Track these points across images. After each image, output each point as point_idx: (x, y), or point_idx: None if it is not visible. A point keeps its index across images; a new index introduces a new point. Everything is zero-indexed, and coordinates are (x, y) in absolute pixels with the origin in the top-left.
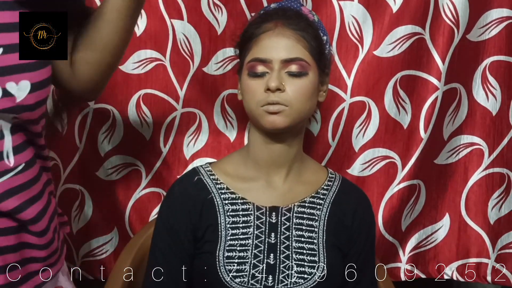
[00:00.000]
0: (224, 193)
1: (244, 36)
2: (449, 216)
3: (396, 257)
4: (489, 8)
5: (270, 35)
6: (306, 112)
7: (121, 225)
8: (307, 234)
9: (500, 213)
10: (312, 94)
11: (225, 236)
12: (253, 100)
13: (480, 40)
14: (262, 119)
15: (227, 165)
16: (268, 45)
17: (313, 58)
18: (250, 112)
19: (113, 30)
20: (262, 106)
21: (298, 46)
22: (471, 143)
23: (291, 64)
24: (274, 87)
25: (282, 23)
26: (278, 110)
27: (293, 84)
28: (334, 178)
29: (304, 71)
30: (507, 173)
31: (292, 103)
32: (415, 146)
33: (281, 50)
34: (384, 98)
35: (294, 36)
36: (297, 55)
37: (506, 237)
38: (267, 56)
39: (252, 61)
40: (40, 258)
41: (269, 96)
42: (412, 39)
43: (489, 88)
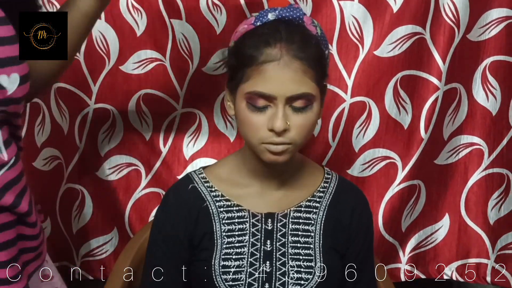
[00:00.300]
0: (219, 200)
1: (241, 53)
2: (449, 216)
3: (396, 257)
4: (489, 8)
5: (274, 66)
6: (307, 140)
7: (121, 225)
8: (303, 239)
9: (500, 213)
10: (315, 123)
11: (221, 245)
12: (255, 136)
13: (480, 40)
14: (263, 155)
15: (221, 170)
16: (273, 79)
17: (317, 87)
18: (249, 144)
19: (79, 35)
20: (263, 143)
21: (305, 79)
22: (471, 143)
23: (297, 100)
24: (280, 128)
25: (287, 50)
26: (282, 150)
27: (297, 120)
28: (330, 179)
29: (309, 105)
30: (506, 173)
31: (295, 140)
32: (415, 147)
33: (287, 85)
34: (385, 98)
35: (301, 68)
36: (304, 91)
37: (505, 238)
38: (271, 92)
39: (253, 94)
40: (32, 248)
41: (273, 137)
42: (413, 39)
43: (489, 88)
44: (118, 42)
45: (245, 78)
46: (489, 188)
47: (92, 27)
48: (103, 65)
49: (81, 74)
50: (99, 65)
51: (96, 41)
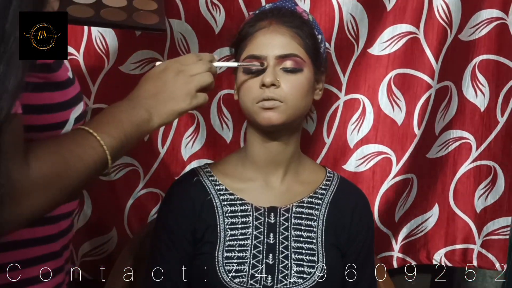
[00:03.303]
0: (223, 194)
1: (239, 35)
2: (438, 206)
3: (389, 246)
4: (479, 9)
5: (265, 32)
6: (302, 109)
7: (120, 225)
8: (306, 234)
9: (486, 202)
10: (308, 91)
11: (224, 237)
12: (249, 97)
13: (471, 39)
14: (258, 116)
15: (226, 166)
16: (263, 42)
17: (308, 55)
18: (246, 110)
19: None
20: (257, 103)
21: (293, 42)
22: (460, 137)
23: (286, 60)
24: (269, 82)
25: (276, 21)
26: (273, 105)
27: (288, 80)
28: (332, 178)
29: (299, 67)
30: (493, 165)
31: (287, 99)
32: (409, 142)
33: (276, 46)
34: (379, 96)
35: (288, 33)
36: (292, 51)
37: (491, 225)
38: (262, 53)
39: (247, 58)
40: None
41: (264, 92)
42: (406, 38)
43: (478, 85)
44: (117, 42)
45: (242, 50)
46: (477, 179)
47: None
48: (102, 65)
49: (80, 74)
50: (98, 65)
51: (95, 41)
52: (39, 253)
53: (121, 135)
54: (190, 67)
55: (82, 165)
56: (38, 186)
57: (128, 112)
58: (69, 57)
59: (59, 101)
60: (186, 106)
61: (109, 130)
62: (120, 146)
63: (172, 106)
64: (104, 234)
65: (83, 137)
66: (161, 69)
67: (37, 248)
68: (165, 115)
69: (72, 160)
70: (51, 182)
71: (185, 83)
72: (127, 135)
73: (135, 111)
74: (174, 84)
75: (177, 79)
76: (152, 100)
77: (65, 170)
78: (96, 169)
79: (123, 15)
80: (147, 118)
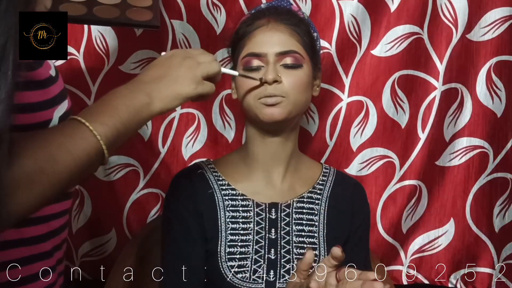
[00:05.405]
0: (225, 189)
1: (237, 34)
2: (454, 222)
3: (398, 259)
4: (491, 8)
5: (263, 30)
6: (302, 105)
7: (119, 225)
8: (308, 228)
9: (504, 220)
10: (307, 86)
11: (225, 231)
12: (251, 94)
13: (483, 40)
14: (260, 112)
15: (228, 163)
16: (263, 40)
17: (306, 52)
18: (247, 107)
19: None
20: (259, 99)
21: (292, 39)
22: (475, 146)
23: (286, 56)
24: (272, 79)
25: (274, 19)
26: (276, 102)
27: (289, 76)
28: (328, 172)
29: (298, 63)
30: (510, 178)
31: (289, 94)
32: (413, 146)
33: (275, 43)
34: (382, 98)
35: (287, 31)
36: (291, 48)
37: (510, 247)
38: (261, 50)
39: (247, 56)
40: None
41: (267, 89)
42: (410, 38)
43: (494, 89)
44: (117, 42)
45: (241, 49)
46: (494, 194)
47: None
48: (102, 65)
49: (80, 74)
50: (98, 65)
51: (95, 41)
52: (27, 253)
53: (117, 123)
54: (198, 56)
55: (71, 159)
56: (21, 184)
57: (125, 97)
58: (69, 57)
59: (40, 100)
60: (191, 91)
61: (103, 118)
62: (117, 135)
63: (175, 89)
64: (104, 234)
65: (74, 128)
66: (167, 56)
67: (24, 249)
68: (167, 99)
69: (59, 154)
70: (35, 179)
71: (191, 67)
72: (124, 122)
73: (133, 95)
74: (179, 68)
75: (183, 63)
76: (154, 83)
77: (51, 165)
78: (90, 162)
79: (116, 12)
80: (147, 102)
